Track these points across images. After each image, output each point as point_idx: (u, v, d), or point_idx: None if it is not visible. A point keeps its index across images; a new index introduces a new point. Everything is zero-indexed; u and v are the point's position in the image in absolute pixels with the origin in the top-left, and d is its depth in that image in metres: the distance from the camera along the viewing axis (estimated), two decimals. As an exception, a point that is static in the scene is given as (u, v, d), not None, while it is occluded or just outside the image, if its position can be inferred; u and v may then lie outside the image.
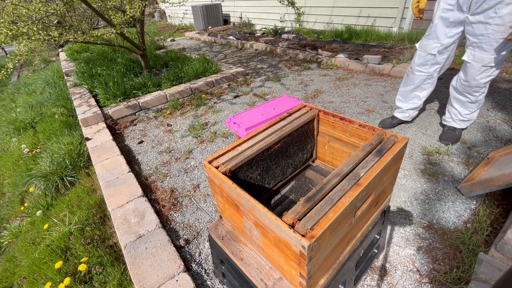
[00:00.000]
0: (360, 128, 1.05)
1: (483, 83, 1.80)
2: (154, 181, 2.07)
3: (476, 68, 1.75)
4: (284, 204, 1.13)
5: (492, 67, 1.71)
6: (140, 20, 3.44)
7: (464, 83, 1.87)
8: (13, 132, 3.24)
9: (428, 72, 2.00)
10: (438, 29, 1.83)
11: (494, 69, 1.73)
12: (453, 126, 2.10)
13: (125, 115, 3.04)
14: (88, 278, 1.43)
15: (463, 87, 1.89)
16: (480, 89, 1.84)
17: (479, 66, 1.73)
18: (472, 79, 1.80)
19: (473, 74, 1.78)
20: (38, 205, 2.05)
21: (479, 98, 1.89)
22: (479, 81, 1.78)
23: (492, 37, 1.60)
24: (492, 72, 1.74)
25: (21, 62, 7.57)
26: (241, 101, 3.26)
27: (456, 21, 1.75)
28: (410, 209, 1.61)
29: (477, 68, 1.74)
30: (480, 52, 1.69)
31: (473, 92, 1.86)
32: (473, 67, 1.76)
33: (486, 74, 1.74)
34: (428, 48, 1.91)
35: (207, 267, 1.42)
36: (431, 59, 1.93)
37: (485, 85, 1.82)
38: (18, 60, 2.41)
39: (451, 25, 1.78)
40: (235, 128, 1.72)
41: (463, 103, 1.97)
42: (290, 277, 0.80)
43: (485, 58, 1.68)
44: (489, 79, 1.77)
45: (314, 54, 4.45)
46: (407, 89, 2.19)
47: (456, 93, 1.98)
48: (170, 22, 10.99)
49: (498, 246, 1.22)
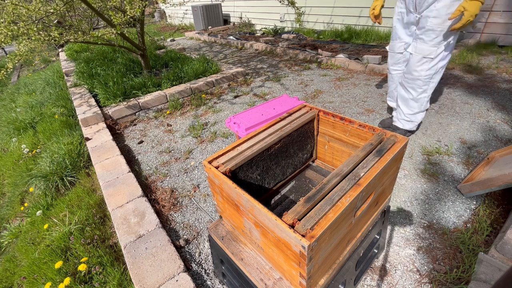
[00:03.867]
0: (360, 128, 1.05)
1: (424, 76, 1.89)
2: (154, 181, 2.07)
3: (416, 59, 1.88)
4: (284, 204, 1.13)
5: (432, 60, 1.82)
6: (140, 20, 3.44)
7: (407, 76, 1.99)
8: (13, 132, 3.24)
9: (402, 69, 2.11)
10: (398, 30, 2.02)
11: (434, 62, 1.82)
12: (396, 125, 2.22)
13: (125, 115, 3.04)
14: (88, 278, 1.43)
15: (406, 80, 2.00)
16: (423, 84, 1.92)
17: (419, 57, 1.85)
18: (413, 70, 1.92)
19: (413, 65, 1.91)
20: (38, 205, 2.05)
21: (421, 96, 1.98)
22: (420, 72, 1.89)
23: (430, 29, 1.75)
24: (432, 66, 1.84)
25: (21, 62, 7.57)
26: (241, 101, 3.26)
27: (409, 21, 1.91)
28: (410, 209, 1.61)
29: (417, 59, 1.87)
30: (421, 43, 1.83)
31: (416, 87, 1.96)
32: (414, 58, 1.89)
33: (426, 66, 1.85)
34: (395, 48, 2.09)
35: (207, 267, 1.42)
36: (400, 57, 2.08)
37: (426, 81, 1.91)
38: (18, 60, 2.41)
39: (406, 26, 1.96)
40: (235, 128, 1.72)
41: (406, 100, 2.06)
42: (290, 277, 0.80)
43: (425, 49, 1.81)
44: (429, 73, 1.87)
45: (314, 54, 4.45)
46: (391, 89, 2.32)
47: (401, 89, 2.08)
48: (170, 22, 10.99)
49: (498, 246, 1.22)
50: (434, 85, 1.93)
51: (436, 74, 1.88)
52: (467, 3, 1.49)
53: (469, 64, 3.61)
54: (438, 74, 1.88)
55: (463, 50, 3.99)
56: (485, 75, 3.25)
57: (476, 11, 1.48)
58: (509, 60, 3.59)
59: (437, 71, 1.86)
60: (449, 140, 2.17)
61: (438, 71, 1.87)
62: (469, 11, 1.49)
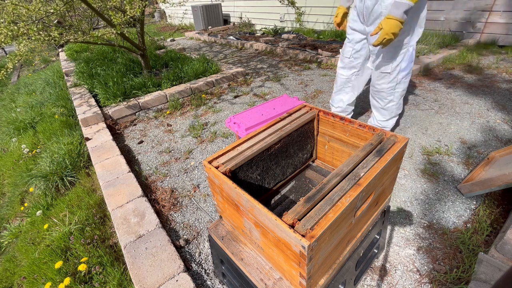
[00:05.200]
0: (360, 128, 1.05)
1: (387, 89, 1.91)
2: (154, 181, 2.07)
3: (376, 74, 1.92)
4: (284, 204, 1.13)
5: (390, 74, 1.83)
6: (140, 20, 3.44)
7: (372, 88, 2.04)
8: (13, 132, 3.23)
9: (347, 75, 2.12)
10: (349, 35, 2.02)
11: (393, 76, 1.83)
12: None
13: (125, 115, 3.04)
14: (88, 278, 1.43)
15: (373, 91, 2.05)
16: (388, 95, 1.94)
17: (378, 72, 1.89)
18: (375, 83, 1.97)
19: (374, 80, 1.96)
20: (38, 205, 2.05)
21: (389, 105, 2.00)
22: (382, 86, 1.92)
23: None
24: (391, 79, 1.85)
25: (21, 62, 7.57)
26: (241, 101, 3.26)
27: (359, 30, 1.91)
28: (410, 209, 1.61)
29: (376, 74, 1.91)
30: (376, 59, 1.85)
31: (383, 98, 1.99)
32: (374, 74, 1.94)
33: (386, 80, 1.88)
34: (345, 52, 2.08)
35: (207, 267, 1.42)
36: (348, 62, 2.08)
37: (391, 93, 1.93)
38: (18, 60, 2.41)
39: (357, 33, 1.95)
40: (235, 128, 1.72)
41: (377, 108, 2.10)
42: (290, 277, 0.80)
43: (380, 65, 1.84)
44: (391, 85, 1.88)
45: (314, 54, 4.45)
46: (334, 91, 2.33)
47: (371, 97, 2.11)
48: (170, 22, 10.99)
49: (498, 246, 1.22)
50: (400, 93, 1.93)
51: (399, 84, 1.88)
52: (385, 21, 1.51)
53: (469, 64, 3.61)
54: (402, 84, 1.88)
55: (463, 50, 3.99)
56: (485, 75, 3.25)
57: (391, 29, 1.49)
58: (509, 60, 3.59)
59: (399, 82, 1.86)
60: (449, 140, 2.17)
61: (400, 82, 1.86)
62: (384, 29, 1.51)
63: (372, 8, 1.67)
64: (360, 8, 1.77)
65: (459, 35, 4.47)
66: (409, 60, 1.79)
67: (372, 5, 1.65)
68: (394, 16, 1.47)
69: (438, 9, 4.55)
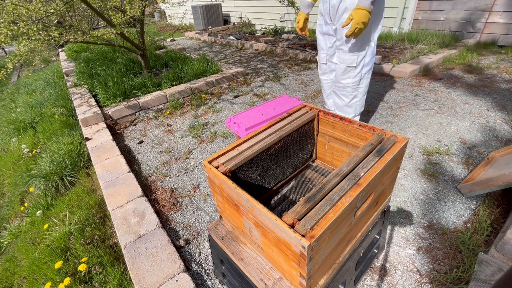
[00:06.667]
0: (360, 128, 1.05)
1: (352, 84, 1.97)
2: (154, 181, 2.07)
3: (341, 69, 1.96)
4: (284, 204, 1.13)
5: (355, 68, 1.90)
6: (140, 20, 3.44)
7: (336, 85, 2.07)
8: (13, 132, 3.23)
9: (330, 78, 2.19)
10: (320, 41, 2.07)
11: (358, 70, 1.90)
12: None
13: (125, 115, 3.04)
14: (88, 278, 1.43)
15: (337, 88, 2.08)
16: (353, 90, 2.00)
17: (344, 66, 1.93)
18: (340, 79, 2.00)
19: (339, 76, 2.00)
20: (38, 205, 2.05)
21: (353, 102, 2.06)
22: (347, 80, 1.97)
23: (345, 39, 1.82)
24: (357, 73, 1.92)
25: (21, 62, 7.57)
26: (241, 101, 3.26)
27: (328, 33, 1.97)
28: (410, 209, 1.61)
29: (342, 68, 1.95)
30: (342, 53, 1.90)
31: (348, 94, 2.03)
32: (339, 68, 1.97)
33: (351, 74, 1.93)
34: (320, 58, 2.16)
35: (207, 267, 1.42)
36: (326, 68, 2.15)
37: (355, 88, 1.99)
38: (18, 60, 2.41)
39: (326, 37, 2.01)
40: (235, 128, 1.72)
41: (341, 107, 2.14)
42: (290, 277, 0.80)
43: (347, 59, 1.89)
44: (356, 80, 1.95)
45: (314, 54, 4.45)
46: (324, 97, 2.38)
47: (334, 96, 2.16)
48: (170, 22, 10.99)
49: (498, 246, 1.22)
50: (363, 90, 2.02)
51: (362, 79, 1.96)
52: (355, 11, 1.58)
53: (469, 64, 3.61)
54: (365, 79, 1.97)
55: (463, 50, 3.99)
56: (485, 75, 3.25)
57: (361, 19, 1.56)
58: (509, 60, 3.59)
59: (362, 77, 1.95)
60: (449, 140, 2.17)
61: (364, 77, 1.95)
62: (355, 19, 1.58)
63: (338, 6, 1.76)
64: (326, 9, 1.86)
65: (459, 35, 4.47)
66: (372, 55, 1.88)
67: (338, 2, 1.75)
68: (363, 6, 1.56)
69: (438, 9, 4.55)
